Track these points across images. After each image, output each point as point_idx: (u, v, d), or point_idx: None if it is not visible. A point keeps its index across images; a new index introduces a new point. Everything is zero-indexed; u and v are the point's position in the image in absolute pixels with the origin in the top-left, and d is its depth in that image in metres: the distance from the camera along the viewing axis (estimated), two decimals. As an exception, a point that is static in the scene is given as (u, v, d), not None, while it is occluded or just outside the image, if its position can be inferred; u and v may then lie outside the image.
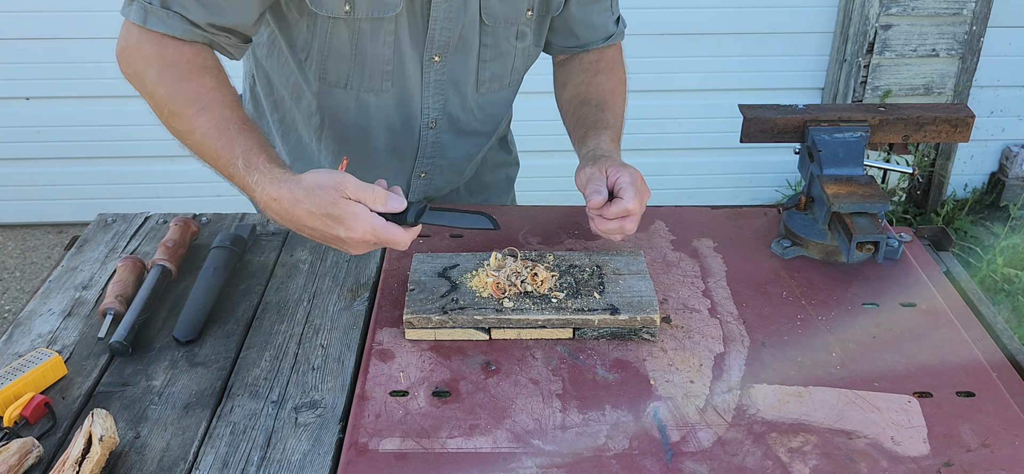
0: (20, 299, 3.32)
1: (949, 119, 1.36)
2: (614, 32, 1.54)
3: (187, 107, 1.18)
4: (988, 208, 3.95)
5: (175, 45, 1.21)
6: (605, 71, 1.51)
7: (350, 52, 1.34)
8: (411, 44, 1.35)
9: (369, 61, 1.34)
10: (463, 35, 1.37)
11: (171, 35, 1.20)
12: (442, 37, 1.35)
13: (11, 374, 1.06)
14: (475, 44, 1.39)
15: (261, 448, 1.00)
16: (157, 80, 1.20)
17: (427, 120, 1.45)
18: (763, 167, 3.86)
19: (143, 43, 1.21)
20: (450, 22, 1.33)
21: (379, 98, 1.40)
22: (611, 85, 1.50)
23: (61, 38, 3.37)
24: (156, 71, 1.20)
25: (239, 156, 1.15)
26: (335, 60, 1.35)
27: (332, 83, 1.38)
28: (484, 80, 1.45)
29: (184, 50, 1.21)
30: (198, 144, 1.19)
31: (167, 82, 1.20)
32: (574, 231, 1.42)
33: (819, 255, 1.34)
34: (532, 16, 1.41)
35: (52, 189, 3.73)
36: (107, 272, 1.33)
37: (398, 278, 1.29)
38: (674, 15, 3.46)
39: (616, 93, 1.49)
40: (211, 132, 1.17)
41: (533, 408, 1.04)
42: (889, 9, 3.39)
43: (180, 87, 1.19)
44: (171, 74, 1.20)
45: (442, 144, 1.51)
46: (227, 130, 1.17)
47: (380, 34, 1.31)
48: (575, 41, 1.51)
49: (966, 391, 1.07)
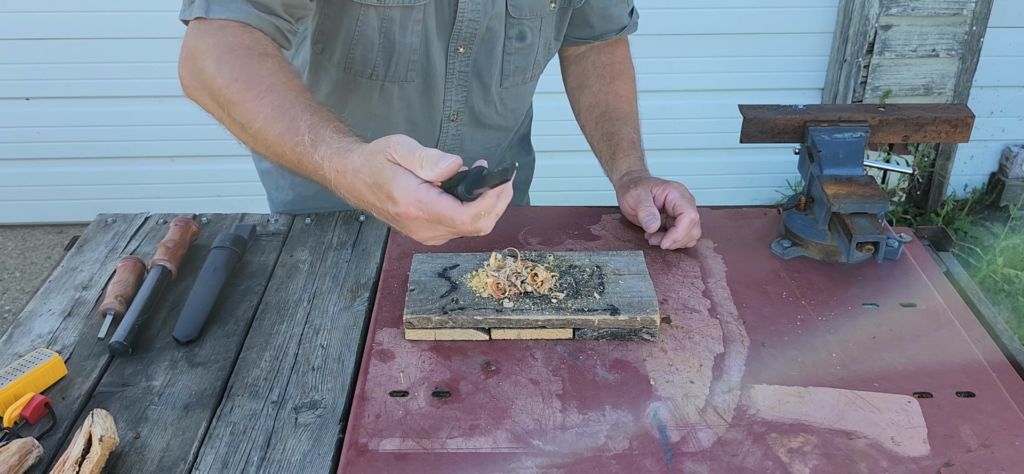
0: (20, 299, 3.32)
1: (949, 119, 1.36)
2: (628, 23, 1.56)
3: (247, 91, 1.07)
4: (988, 208, 3.95)
5: (235, 30, 1.12)
6: (620, 76, 1.54)
7: (379, 40, 1.33)
8: (438, 34, 1.35)
9: (396, 50, 1.34)
10: (490, 26, 1.38)
11: (235, 19, 1.12)
12: (469, 28, 1.35)
13: (11, 374, 1.06)
14: (500, 36, 1.40)
15: (261, 448, 1.00)
16: (215, 70, 1.10)
17: (449, 112, 1.45)
18: (763, 167, 3.86)
19: (203, 35, 1.13)
20: (478, 13, 1.34)
21: (403, 88, 1.40)
22: (628, 92, 1.54)
23: (61, 38, 3.37)
24: (214, 60, 1.10)
25: (305, 132, 1.02)
26: (363, 48, 1.34)
27: (357, 72, 1.38)
28: (508, 73, 1.46)
29: (244, 36, 1.12)
30: (260, 131, 1.07)
31: (225, 68, 1.09)
32: (574, 231, 1.42)
33: (819, 255, 1.34)
34: (554, 8, 1.43)
35: (52, 189, 3.73)
36: (107, 272, 1.33)
37: (398, 278, 1.29)
38: (674, 15, 3.46)
39: (633, 100, 1.54)
40: (274, 115, 1.05)
41: (533, 408, 1.04)
42: (889, 9, 3.39)
43: (240, 70, 1.09)
44: (229, 59, 1.10)
45: (463, 137, 1.51)
46: (292, 109, 1.05)
47: (409, 23, 1.32)
48: (590, 32, 1.53)
49: (966, 391, 1.07)
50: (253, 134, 1.08)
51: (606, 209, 1.49)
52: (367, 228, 1.45)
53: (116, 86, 3.46)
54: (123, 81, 3.44)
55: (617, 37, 1.56)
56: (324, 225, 1.46)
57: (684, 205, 1.32)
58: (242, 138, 1.12)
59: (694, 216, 1.32)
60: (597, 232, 1.42)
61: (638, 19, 1.59)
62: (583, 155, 1.63)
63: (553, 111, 1.89)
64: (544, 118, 1.84)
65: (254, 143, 1.10)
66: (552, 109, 1.90)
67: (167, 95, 3.44)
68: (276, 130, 1.05)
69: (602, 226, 1.44)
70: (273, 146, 1.06)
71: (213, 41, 1.12)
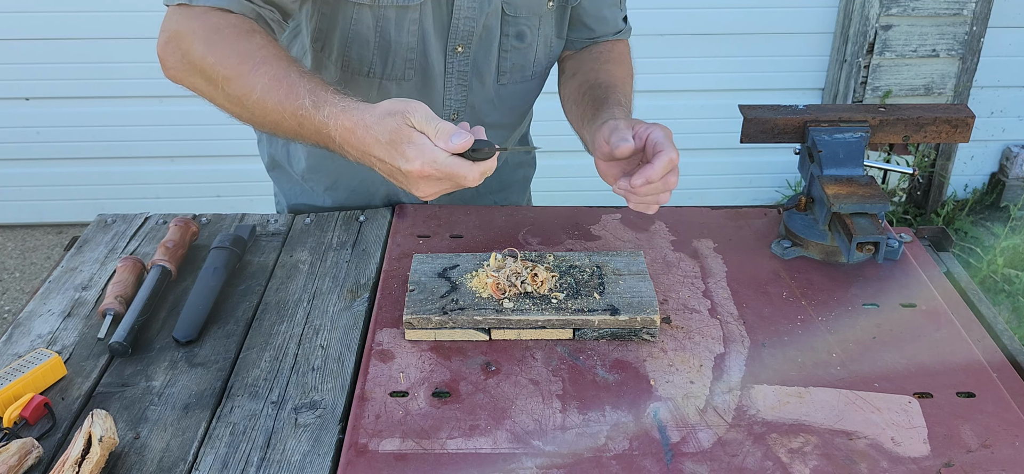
0: (20, 299, 3.32)
1: (949, 119, 1.36)
2: (622, 28, 1.56)
3: (240, 65, 1.11)
4: (988, 208, 3.95)
5: (219, 14, 1.15)
6: (615, 61, 1.51)
7: (374, 39, 1.34)
8: (435, 34, 1.36)
9: (393, 49, 1.35)
10: (487, 24, 1.38)
11: (217, 7, 1.15)
12: (466, 27, 1.36)
13: (11, 375, 1.06)
14: (497, 34, 1.40)
15: (261, 449, 1.00)
16: (205, 50, 1.13)
17: (450, 111, 1.46)
18: (763, 167, 3.86)
19: (186, 19, 1.15)
20: (474, 12, 1.34)
21: (401, 87, 1.40)
22: (621, 74, 1.47)
23: (61, 38, 3.37)
24: (202, 41, 1.13)
25: (305, 96, 1.08)
26: (359, 47, 1.35)
27: (355, 71, 1.38)
28: (505, 70, 1.46)
29: (230, 17, 1.16)
30: (258, 102, 1.11)
31: (215, 47, 1.13)
32: (574, 231, 1.42)
33: (819, 255, 1.34)
34: (553, 6, 1.43)
35: (52, 189, 3.73)
36: (107, 273, 1.33)
37: (398, 279, 1.29)
38: (674, 15, 3.46)
39: (627, 81, 1.47)
40: (271, 85, 1.09)
41: (533, 409, 1.04)
42: (889, 9, 3.39)
43: (230, 48, 1.12)
44: (218, 39, 1.13)
45: None
46: (288, 77, 1.09)
47: (405, 22, 1.32)
48: (586, 32, 1.53)
49: (966, 392, 1.07)
50: (251, 106, 1.11)
51: (606, 209, 1.49)
52: (367, 228, 1.45)
53: (116, 86, 3.46)
54: (123, 81, 3.44)
55: (614, 39, 1.56)
56: (324, 225, 1.46)
57: (666, 144, 1.17)
58: (237, 112, 1.15)
59: (674, 157, 1.16)
60: (597, 232, 1.42)
61: (630, 31, 1.59)
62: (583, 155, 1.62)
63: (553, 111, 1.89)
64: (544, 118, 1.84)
65: (251, 115, 1.13)
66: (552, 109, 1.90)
67: (167, 95, 3.42)
68: (275, 98, 1.09)
69: (602, 226, 1.44)
70: (272, 114, 1.10)
71: (198, 24, 1.14)
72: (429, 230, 1.42)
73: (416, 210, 1.49)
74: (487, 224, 1.44)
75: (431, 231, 1.42)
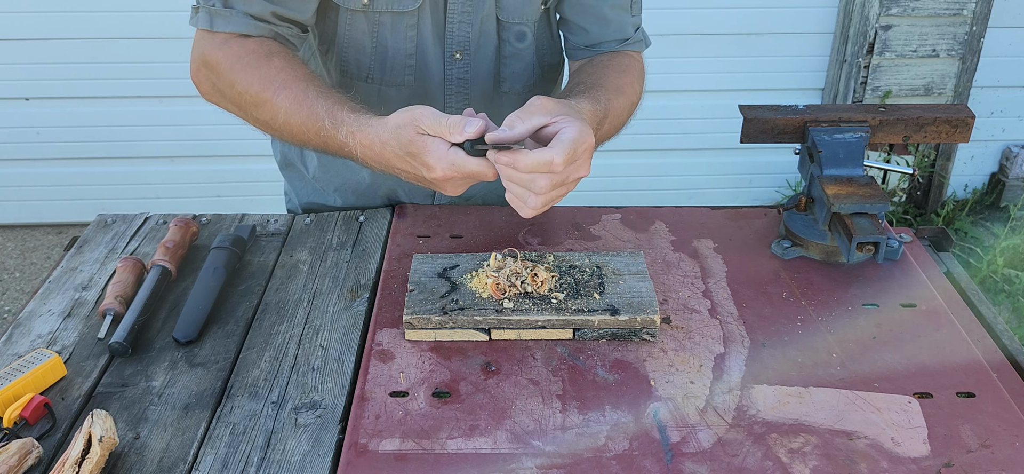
0: (20, 300, 3.32)
1: (949, 119, 1.36)
2: (631, 36, 1.44)
3: (264, 91, 1.18)
4: (988, 209, 3.95)
5: (239, 42, 1.22)
6: (617, 69, 1.38)
7: (371, 45, 1.35)
8: (433, 40, 1.36)
9: (390, 55, 1.35)
10: (483, 30, 1.37)
11: (236, 32, 1.21)
12: (461, 32, 1.35)
13: (11, 375, 1.06)
14: (494, 41, 1.40)
15: (261, 449, 1.00)
16: (231, 79, 1.21)
17: None
18: (763, 167, 3.86)
19: (211, 47, 1.23)
20: (467, 16, 1.34)
21: (401, 92, 1.40)
22: (619, 82, 1.34)
23: (61, 38, 3.37)
24: (227, 71, 1.21)
25: (324, 117, 1.14)
26: (355, 52, 1.36)
27: (353, 75, 1.39)
28: (505, 78, 1.45)
29: (248, 43, 1.22)
30: (284, 124, 1.19)
31: (239, 76, 1.20)
32: (574, 232, 1.42)
33: (819, 256, 1.34)
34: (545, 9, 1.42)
35: (52, 189, 3.73)
36: (107, 273, 1.33)
37: (398, 279, 1.29)
38: (674, 15, 3.46)
39: (621, 89, 1.34)
40: (293, 107, 1.17)
41: (533, 409, 1.04)
42: (889, 9, 3.39)
43: (253, 75, 1.20)
44: (240, 67, 1.21)
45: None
46: (307, 98, 1.16)
47: (401, 28, 1.33)
48: (588, 38, 1.43)
49: (966, 392, 1.07)
50: (278, 128, 1.20)
51: (606, 209, 1.49)
52: (367, 228, 1.45)
53: (116, 86, 3.46)
54: (123, 81, 3.44)
55: (622, 49, 1.43)
56: (324, 225, 1.46)
57: (558, 144, 1.03)
58: (270, 132, 1.24)
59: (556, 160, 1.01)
60: (597, 232, 1.42)
61: (645, 42, 1.47)
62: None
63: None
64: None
65: (282, 135, 1.22)
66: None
67: (167, 95, 3.44)
68: (298, 119, 1.17)
69: (602, 226, 1.44)
70: (298, 134, 1.19)
71: (221, 55, 1.22)
72: (429, 230, 1.42)
73: (416, 210, 1.49)
74: (487, 224, 1.44)
75: (431, 231, 1.42)
